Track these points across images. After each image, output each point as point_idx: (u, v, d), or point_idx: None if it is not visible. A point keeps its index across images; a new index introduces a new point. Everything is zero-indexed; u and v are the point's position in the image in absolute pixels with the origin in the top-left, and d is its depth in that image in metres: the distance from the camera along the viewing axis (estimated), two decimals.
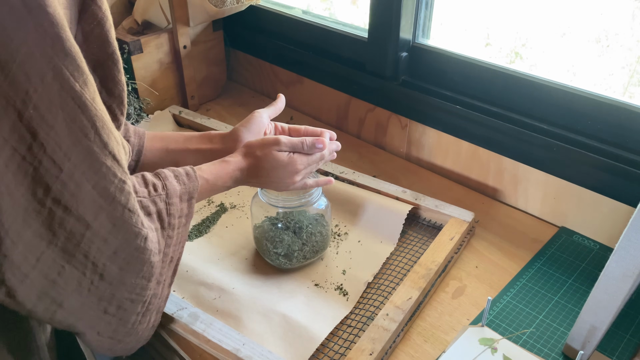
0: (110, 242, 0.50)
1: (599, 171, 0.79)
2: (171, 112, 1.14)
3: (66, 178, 0.45)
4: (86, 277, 0.49)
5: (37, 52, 0.41)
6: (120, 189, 0.48)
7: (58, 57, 0.42)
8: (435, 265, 0.75)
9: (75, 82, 0.43)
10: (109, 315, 0.53)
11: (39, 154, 0.43)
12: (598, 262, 0.80)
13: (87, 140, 0.45)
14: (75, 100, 0.44)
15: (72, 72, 0.43)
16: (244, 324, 0.69)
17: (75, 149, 0.45)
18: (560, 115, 0.84)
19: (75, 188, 0.46)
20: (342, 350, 0.67)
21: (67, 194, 0.45)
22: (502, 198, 0.94)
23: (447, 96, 0.95)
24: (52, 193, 0.45)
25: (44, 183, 0.44)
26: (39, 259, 0.46)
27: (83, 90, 0.44)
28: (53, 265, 0.47)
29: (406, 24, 0.96)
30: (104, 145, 0.46)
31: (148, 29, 1.19)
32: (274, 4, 1.25)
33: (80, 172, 0.46)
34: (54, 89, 0.42)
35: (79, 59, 0.43)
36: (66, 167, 0.45)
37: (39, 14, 0.40)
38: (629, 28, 0.85)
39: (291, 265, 0.77)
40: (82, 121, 0.44)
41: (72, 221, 0.47)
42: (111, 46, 0.49)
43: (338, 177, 0.94)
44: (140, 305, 0.55)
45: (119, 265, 0.51)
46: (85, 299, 0.51)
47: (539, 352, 0.66)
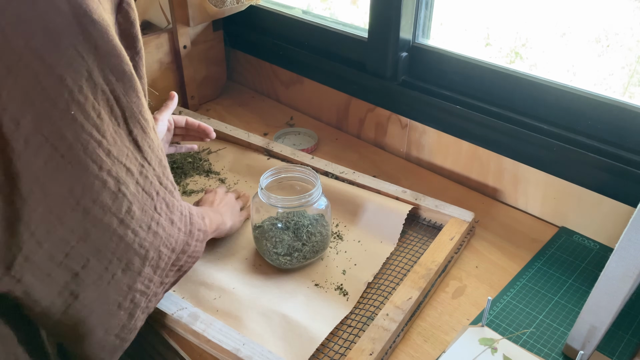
0: (137, 232, 0.52)
1: (599, 171, 0.79)
2: None
3: (106, 176, 0.48)
4: (108, 271, 0.51)
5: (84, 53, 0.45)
6: (140, 172, 0.52)
7: (101, 58, 0.46)
8: (435, 265, 0.75)
9: (113, 77, 0.47)
10: (121, 310, 0.55)
11: (79, 154, 0.46)
12: (598, 262, 0.80)
13: (119, 129, 0.49)
14: (112, 93, 0.48)
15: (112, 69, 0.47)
16: (244, 324, 0.69)
17: (112, 140, 0.48)
18: (560, 115, 0.84)
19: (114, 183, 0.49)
20: (342, 350, 0.67)
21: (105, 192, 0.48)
22: (502, 198, 0.94)
23: (447, 96, 0.94)
24: (88, 192, 0.47)
25: (81, 182, 0.47)
26: (68, 254, 0.48)
27: (117, 84, 0.48)
28: (79, 259, 0.49)
29: (406, 24, 0.96)
30: (129, 132, 0.51)
31: (148, 29, 1.19)
32: (274, 4, 1.25)
33: (117, 166, 0.49)
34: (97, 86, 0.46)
35: (119, 57, 0.48)
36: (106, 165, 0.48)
37: (86, 20, 0.44)
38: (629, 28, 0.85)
39: (291, 265, 0.77)
40: (116, 111, 0.49)
41: (107, 218, 0.49)
42: (140, 42, 0.53)
43: (338, 177, 0.94)
44: (145, 299, 0.57)
45: (139, 255, 0.54)
46: (102, 292, 0.52)
47: (539, 352, 0.66)
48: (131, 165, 0.51)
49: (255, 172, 0.98)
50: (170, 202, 0.57)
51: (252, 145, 1.04)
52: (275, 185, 0.81)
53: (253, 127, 1.16)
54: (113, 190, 0.49)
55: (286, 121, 1.20)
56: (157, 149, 0.55)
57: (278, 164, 0.99)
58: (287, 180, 0.81)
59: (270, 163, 0.99)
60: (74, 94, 0.44)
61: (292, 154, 1.00)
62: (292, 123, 1.19)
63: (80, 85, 0.44)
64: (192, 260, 0.65)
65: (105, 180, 0.48)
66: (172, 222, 0.58)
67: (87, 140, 0.46)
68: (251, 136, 1.06)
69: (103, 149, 0.47)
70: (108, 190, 0.48)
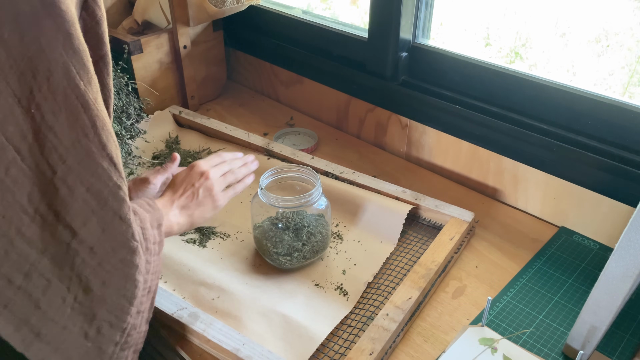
0: (97, 251, 0.48)
1: (599, 171, 0.79)
2: (171, 112, 1.14)
3: (59, 182, 0.44)
4: (70, 292, 0.47)
5: (47, 49, 0.41)
6: (114, 193, 0.47)
7: (67, 55, 0.42)
8: (435, 265, 0.75)
9: (80, 81, 0.43)
10: (88, 341, 0.49)
11: (36, 156, 0.43)
12: (598, 262, 0.80)
13: (86, 140, 0.45)
14: (79, 99, 0.43)
15: (79, 70, 0.43)
16: (244, 324, 0.69)
17: (73, 150, 0.44)
18: (560, 115, 0.84)
19: (67, 192, 0.45)
20: (342, 350, 0.67)
21: (57, 198, 0.44)
22: (502, 198, 0.94)
23: (447, 96, 0.95)
24: (45, 197, 0.44)
25: (37, 187, 0.43)
26: (28, 273, 0.44)
27: (87, 89, 0.44)
28: (39, 281, 0.45)
29: (406, 24, 0.96)
30: (102, 146, 0.46)
31: (148, 29, 1.19)
32: (274, 4, 1.25)
33: (75, 175, 0.45)
34: (59, 87, 0.42)
35: (86, 58, 0.43)
36: (60, 170, 0.44)
37: (53, 11, 0.40)
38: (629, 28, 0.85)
39: (291, 265, 0.77)
40: (83, 120, 0.44)
41: (60, 228, 0.45)
42: (105, 47, 0.49)
43: (338, 177, 0.94)
44: (119, 333, 0.52)
45: (102, 278, 0.49)
46: (67, 319, 0.48)
47: (538, 352, 0.66)
48: (98, 184, 0.46)
49: (255, 172, 0.98)
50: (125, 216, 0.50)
51: (252, 145, 1.04)
52: (275, 185, 0.81)
53: (253, 127, 1.16)
54: (66, 198, 0.45)
55: (286, 121, 1.20)
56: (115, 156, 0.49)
57: (278, 164, 0.99)
58: (287, 180, 0.81)
59: (270, 163, 0.99)
60: (34, 92, 0.41)
61: (292, 154, 1.00)
62: (292, 123, 1.19)
63: (40, 85, 0.41)
64: (155, 277, 0.57)
65: (59, 187, 0.44)
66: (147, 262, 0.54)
67: (43, 141, 0.42)
68: (251, 136, 1.06)
69: (59, 155, 0.43)
70: (61, 197, 0.44)
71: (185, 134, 1.11)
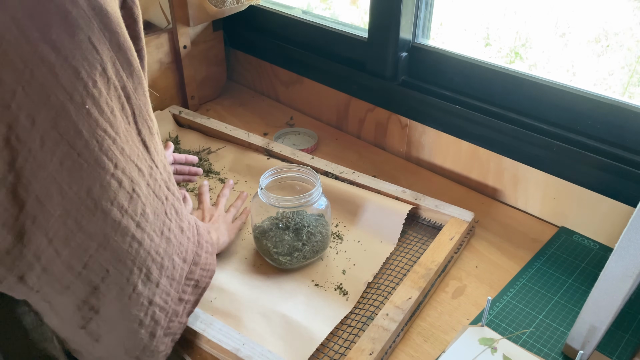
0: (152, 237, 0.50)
1: (599, 171, 0.79)
2: (171, 112, 1.14)
3: (120, 175, 0.46)
4: (129, 283, 0.49)
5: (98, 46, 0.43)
6: (150, 174, 0.50)
7: (113, 50, 0.44)
8: (435, 265, 0.75)
9: (124, 73, 0.46)
10: (142, 328, 0.52)
11: (95, 151, 0.44)
12: (598, 262, 0.80)
13: (129, 127, 0.47)
14: (123, 90, 0.46)
15: (122, 64, 0.46)
16: (244, 324, 0.69)
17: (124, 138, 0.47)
18: (560, 115, 0.84)
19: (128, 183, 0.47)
20: (342, 350, 0.67)
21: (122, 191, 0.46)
22: (502, 198, 0.94)
23: (447, 96, 0.95)
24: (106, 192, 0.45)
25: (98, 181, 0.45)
26: (87, 264, 0.46)
27: (128, 81, 0.47)
28: (99, 270, 0.47)
29: (406, 24, 0.96)
30: (138, 132, 0.49)
31: (148, 29, 1.19)
32: (274, 4, 1.25)
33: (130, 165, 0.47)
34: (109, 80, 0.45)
35: (129, 52, 0.46)
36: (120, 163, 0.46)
37: (101, 12, 0.43)
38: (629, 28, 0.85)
39: (291, 265, 0.77)
40: (127, 109, 0.47)
41: (125, 220, 0.47)
42: (141, 42, 0.51)
43: (338, 177, 0.94)
44: (164, 316, 0.55)
45: (156, 263, 0.51)
46: (124, 307, 0.50)
47: (538, 352, 0.66)
48: (142, 166, 0.49)
49: (255, 172, 0.98)
50: (179, 209, 0.55)
51: (252, 145, 1.04)
52: (275, 185, 0.81)
53: (253, 127, 1.16)
54: (128, 190, 0.47)
55: (286, 121, 1.20)
56: (162, 153, 0.53)
57: (278, 164, 0.99)
58: (287, 180, 0.81)
59: (270, 163, 0.99)
60: (89, 87, 0.43)
61: (292, 154, 1.00)
62: (292, 123, 1.19)
63: (94, 79, 0.43)
64: (206, 274, 0.61)
65: (121, 179, 0.46)
66: (182, 229, 0.56)
67: (102, 136, 0.44)
68: (251, 136, 1.06)
69: (117, 147, 0.45)
70: (124, 190, 0.46)
71: (185, 134, 1.11)
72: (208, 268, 0.62)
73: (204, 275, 0.61)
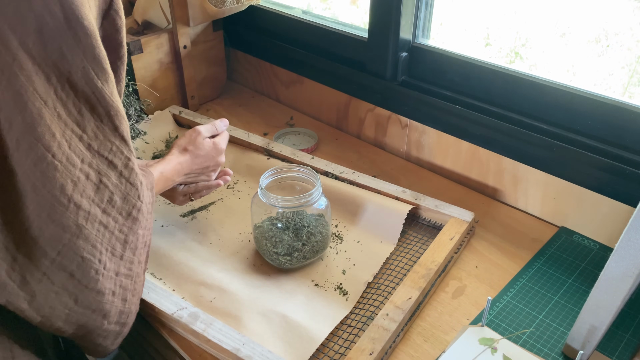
0: (117, 219, 0.55)
1: (599, 171, 0.79)
2: (171, 112, 1.14)
3: (87, 168, 0.51)
4: (100, 263, 0.54)
5: (69, 55, 0.47)
6: (125, 164, 0.55)
7: (87, 60, 0.48)
8: (435, 265, 0.75)
9: (98, 80, 0.50)
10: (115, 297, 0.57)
11: (66, 151, 0.48)
12: (598, 262, 0.80)
13: (102, 125, 0.52)
14: (95, 93, 0.50)
15: (97, 72, 0.49)
16: (244, 324, 0.69)
17: (93, 135, 0.51)
18: (560, 115, 0.84)
19: (95, 175, 0.52)
20: (342, 350, 0.67)
21: (89, 184, 0.51)
22: (502, 198, 0.94)
23: (447, 96, 0.95)
24: (77, 187, 0.49)
25: (69, 179, 0.49)
26: (60, 251, 0.50)
27: (103, 86, 0.50)
28: (73, 257, 0.51)
29: (406, 24, 0.96)
30: (115, 128, 0.53)
31: (148, 29, 1.19)
32: (274, 4, 1.25)
33: (97, 158, 0.52)
34: (79, 84, 0.48)
35: (104, 62, 0.50)
36: (87, 158, 0.50)
37: (77, 25, 0.46)
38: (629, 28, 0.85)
39: (291, 265, 0.77)
40: (99, 109, 0.51)
41: (93, 210, 0.51)
42: (123, 49, 0.56)
43: (338, 177, 0.94)
44: (130, 281, 0.60)
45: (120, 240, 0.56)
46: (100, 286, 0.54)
47: (538, 352, 0.66)
48: (114, 159, 0.54)
49: (255, 172, 0.98)
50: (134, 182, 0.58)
51: (252, 145, 1.04)
52: (275, 185, 0.81)
53: (253, 127, 1.16)
54: (94, 182, 0.52)
55: (286, 121, 1.20)
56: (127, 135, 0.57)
57: (278, 164, 0.99)
58: (287, 180, 0.81)
59: (270, 163, 0.99)
60: (58, 91, 0.47)
61: (292, 154, 1.00)
62: (292, 123, 1.19)
63: (62, 84, 0.47)
64: (148, 232, 0.64)
65: (88, 172, 0.51)
66: (149, 210, 0.62)
67: (70, 135, 0.49)
68: (251, 136, 1.06)
69: (84, 143, 0.50)
70: (91, 182, 0.51)
71: None
72: (148, 226, 0.64)
73: (147, 234, 0.63)
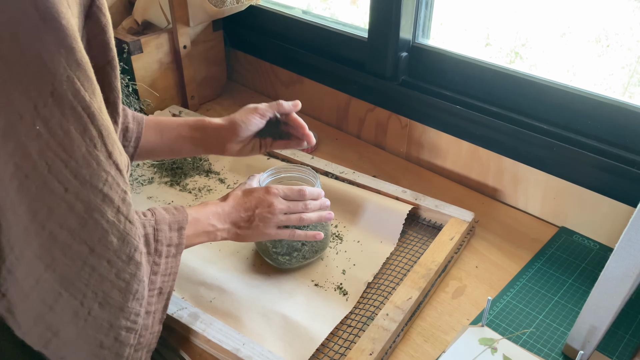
0: (114, 262, 0.48)
1: (599, 171, 0.79)
2: (171, 112, 1.14)
3: (72, 199, 0.44)
4: (84, 306, 0.47)
5: (50, 63, 0.40)
6: (123, 199, 0.48)
7: (71, 68, 0.41)
8: (435, 265, 0.75)
9: (85, 92, 0.43)
10: (104, 350, 0.51)
11: (43, 174, 0.42)
12: (598, 262, 0.80)
13: (95, 150, 0.44)
14: (85, 110, 0.43)
15: (83, 82, 0.43)
16: (244, 324, 0.69)
17: (84, 162, 0.44)
18: (560, 115, 0.84)
19: (82, 208, 0.45)
20: (342, 350, 0.67)
21: (72, 216, 0.44)
22: (502, 198, 0.94)
23: (447, 96, 0.95)
24: (54, 216, 0.43)
25: (45, 205, 0.43)
26: (38, 281, 0.45)
27: (92, 100, 0.44)
28: (50, 291, 0.45)
29: (406, 24, 0.96)
30: (109, 154, 0.46)
31: (148, 29, 1.19)
32: (274, 4, 1.25)
33: (88, 189, 0.44)
34: (65, 100, 0.42)
35: (89, 70, 0.43)
36: (72, 187, 0.44)
37: (54, 25, 0.40)
38: (629, 28, 0.85)
39: (291, 265, 0.77)
40: (91, 131, 0.44)
41: (75, 245, 0.45)
42: (111, 52, 0.49)
43: (338, 177, 0.94)
44: (133, 335, 0.53)
45: (119, 287, 0.49)
46: (81, 330, 0.48)
47: (539, 352, 0.66)
48: (110, 192, 0.46)
49: (255, 172, 0.97)
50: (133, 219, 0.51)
51: None
52: (275, 185, 0.80)
53: None
54: (82, 215, 0.45)
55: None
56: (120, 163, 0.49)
57: (278, 164, 0.99)
58: (287, 180, 0.81)
59: (270, 163, 0.99)
60: (39, 107, 0.40)
61: (292, 154, 1.00)
62: None
63: (45, 99, 0.41)
64: (168, 279, 0.59)
65: (73, 204, 0.44)
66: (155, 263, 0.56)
67: (52, 159, 0.42)
68: None
69: (70, 170, 0.43)
70: (75, 215, 0.44)
71: None
72: (170, 272, 0.59)
73: (165, 280, 0.58)
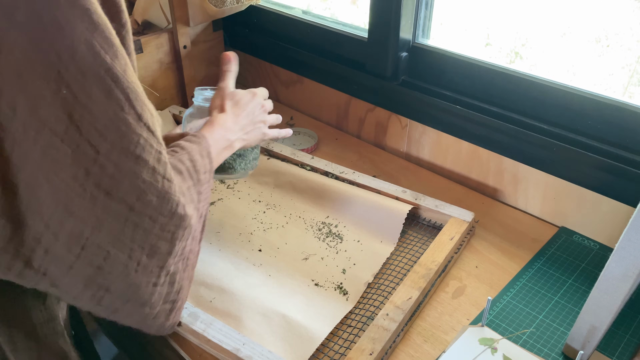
0: (156, 218, 0.49)
1: (599, 171, 0.79)
2: (171, 112, 1.14)
3: (104, 160, 0.45)
4: (132, 259, 0.49)
5: (67, 26, 0.40)
6: (158, 159, 0.49)
7: (88, 30, 0.41)
8: (435, 265, 0.75)
9: (106, 54, 0.43)
10: (158, 287, 0.53)
11: (75, 137, 0.43)
12: (598, 262, 0.80)
13: (123, 114, 0.45)
14: (108, 73, 0.43)
15: (102, 45, 0.42)
16: (244, 324, 0.69)
17: (112, 125, 0.44)
18: (560, 115, 0.84)
19: (114, 169, 0.45)
20: (342, 350, 0.67)
21: (106, 177, 0.45)
22: (502, 198, 0.94)
23: (447, 96, 0.95)
24: (91, 177, 0.44)
25: (82, 167, 0.44)
26: (84, 246, 0.46)
27: (114, 63, 0.43)
28: (98, 251, 0.47)
29: (406, 24, 0.96)
30: (138, 117, 0.46)
31: (148, 29, 1.19)
32: (274, 4, 1.25)
33: (119, 150, 0.45)
34: (86, 64, 0.42)
35: (108, 31, 0.43)
36: (103, 149, 0.44)
37: None
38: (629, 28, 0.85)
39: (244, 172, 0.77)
40: (117, 94, 0.44)
41: (114, 205, 0.46)
42: (125, 14, 0.48)
43: (338, 177, 0.94)
44: (182, 262, 0.56)
45: (165, 239, 0.51)
46: (132, 280, 0.50)
47: (539, 352, 0.66)
48: (144, 154, 0.47)
49: (255, 172, 0.98)
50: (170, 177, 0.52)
51: None
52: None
53: None
54: (116, 177, 0.46)
55: (286, 121, 1.20)
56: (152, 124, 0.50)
57: (278, 164, 0.99)
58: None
59: (270, 163, 0.99)
60: (62, 73, 0.41)
61: (292, 154, 1.00)
62: (292, 123, 1.19)
63: (66, 65, 0.41)
64: (206, 203, 0.61)
65: (106, 166, 0.45)
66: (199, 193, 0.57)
67: (81, 122, 0.42)
68: None
69: (100, 133, 0.44)
70: (109, 176, 0.45)
71: None
72: (207, 196, 0.60)
73: (204, 205, 0.60)
